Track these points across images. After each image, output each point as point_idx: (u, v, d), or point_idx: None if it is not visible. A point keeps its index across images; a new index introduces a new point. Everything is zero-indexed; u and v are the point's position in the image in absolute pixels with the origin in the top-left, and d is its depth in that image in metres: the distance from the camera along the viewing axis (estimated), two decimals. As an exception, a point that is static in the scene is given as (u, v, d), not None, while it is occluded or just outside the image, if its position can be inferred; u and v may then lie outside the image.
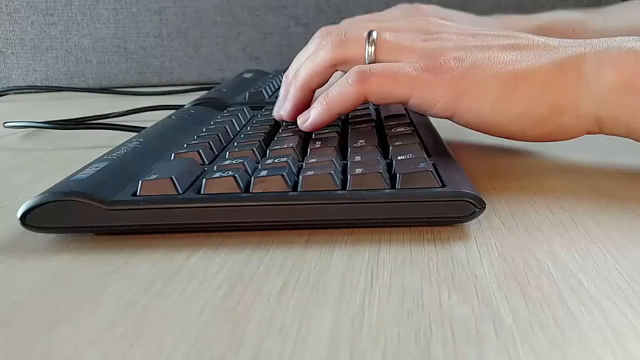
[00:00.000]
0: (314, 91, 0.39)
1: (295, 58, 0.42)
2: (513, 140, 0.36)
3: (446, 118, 0.35)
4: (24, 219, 0.27)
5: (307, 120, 0.36)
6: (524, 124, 0.33)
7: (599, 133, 0.34)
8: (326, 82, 0.38)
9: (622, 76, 0.31)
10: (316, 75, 0.37)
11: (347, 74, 0.34)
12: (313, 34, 0.42)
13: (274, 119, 0.42)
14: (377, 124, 0.39)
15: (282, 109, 0.40)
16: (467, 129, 0.35)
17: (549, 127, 0.33)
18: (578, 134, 0.34)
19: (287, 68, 0.41)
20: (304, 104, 0.39)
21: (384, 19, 0.62)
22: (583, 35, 0.60)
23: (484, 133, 0.35)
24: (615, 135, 0.33)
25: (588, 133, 0.34)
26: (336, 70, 0.37)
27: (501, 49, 0.34)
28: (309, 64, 0.37)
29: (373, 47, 0.35)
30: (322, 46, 0.37)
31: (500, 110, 0.33)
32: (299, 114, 0.38)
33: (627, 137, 0.33)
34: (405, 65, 0.34)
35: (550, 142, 0.35)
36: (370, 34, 0.36)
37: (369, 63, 0.35)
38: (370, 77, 0.33)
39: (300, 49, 0.42)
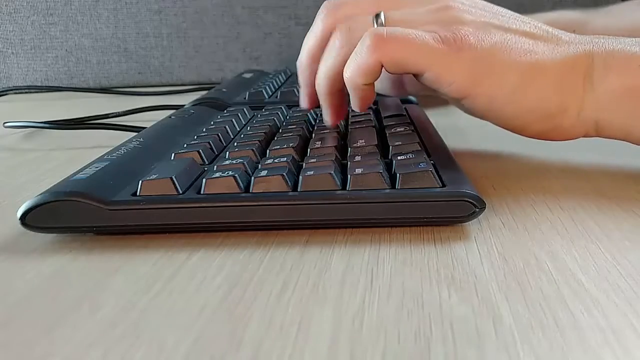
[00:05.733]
0: (342, 88, 0.36)
1: (304, 42, 0.39)
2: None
3: (456, 99, 0.33)
4: (24, 219, 0.27)
5: (355, 105, 0.35)
6: (529, 118, 0.33)
7: (596, 136, 0.34)
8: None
9: (625, 81, 0.31)
10: (334, 81, 0.35)
11: (362, 39, 0.32)
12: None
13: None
14: (377, 124, 0.39)
15: (325, 117, 0.38)
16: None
17: (549, 125, 0.33)
18: (574, 136, 0.34)
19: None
20: (340, 105, 0.37)
21: None
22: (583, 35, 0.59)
23: (487, 120, 0.34)
24: (612, 138, 0.33)
25: (585, 136, 0.34)
26: None
27: (518, 33, 0.32)
28: (324, 71, 0.35)
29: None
30: (330, 49, 0.35)
31: (514, 100, 0.32)
32: (342, 114, 0.38)
33: (624, 140, 0.33)
34: (424, 33, 0.31)
35: (550, 142, 0.35)
36: (377, 16, 0.34)
37: None
38: (386, 42, 0.31)
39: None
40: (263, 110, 0.48)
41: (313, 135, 0.37)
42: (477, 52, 0.31)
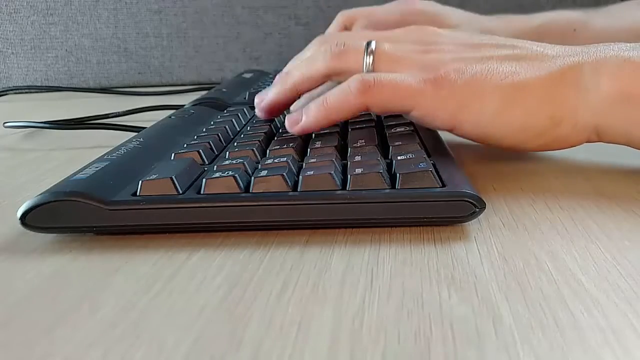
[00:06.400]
0: (299, 95, 0.38)
1: (291, 61, 0.41)
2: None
3: (447, 130, 0.35)
4: (24, 219, 0.27)
5: (299, 122, 0.35)
6: (524, 136, 0.33)
7: (599, 141, 0.34)
8: (314, 88, 0.38)
9: (620, 86, 0.31)
10: (308, 81, 0.37)
11: (348, 81, 0.34)
12: (313, 34, 0.42)
13: (274, 118, 0.42)
14: (377, 124, 0.39)
15: (263, 101, 0.39)
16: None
17: (547, 138, 0.33)
18: (577, 143, 0.34)
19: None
20: (285, 104, 0.39)
21: (381, 11, 0.62)
22: (583, 34, 0.60)
23: (485, 144, 0.35)
24: (614, 143, 0.33)
25: (587, 142, 0.34)
26: (329, 80, 0.37)
27: (499, 60, 0.34)
28: (304, 68, 0.37)
29: (372, 57, 0.35)
30: (321, 54, 0.36)
31: (499, 122, 0.33)
32: (274, 111, 0.39)
33: (626, 145, 0.33)
34: (407, 76, 0.33)
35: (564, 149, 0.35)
36: (369, 44, 0.35)
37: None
38: (374, 88, 0.33)
39: (300, 49, 0.42)
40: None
41: (313, 135, 0.37)
42: (457, 86, 0.33)
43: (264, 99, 0.39)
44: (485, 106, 0.33)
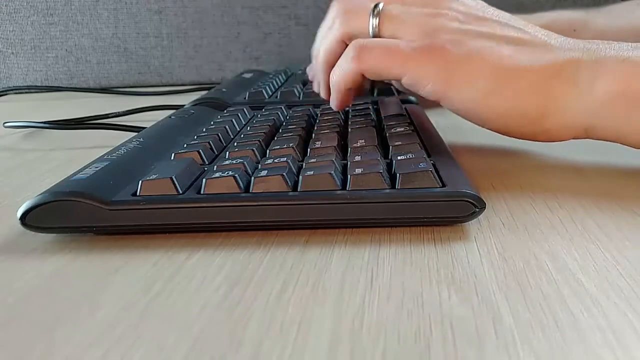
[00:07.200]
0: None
1: (318, 33, 0.43)
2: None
3: (436, 100, 0.35)
4: (24, 219, 0.27)
5: (333, 105, 0.38)
6: (508, 122, 0.33)
7: (587, 138, 0.34)
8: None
9: (618, 85, 0.31)
10: (331, 54, 0.39)
11: (347, 49, 0.35)
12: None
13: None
14: (377, 124, 0.39)
15: (320, 92, 0.43)
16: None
17: (532, 129, 0.33)
18: (564, 138, 0.34)
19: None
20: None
21: None
22: (584, 34, 0.59)
23: (470, 121, 0.35)
24: (602, 140, 0.33)
25: (574, 138, 0.34)
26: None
27: (502, 40, 0.33)
28: (324, 44, 0.39)
29: (377, 19, 0.36)
30: (332, 23, 0.38)
31: (487, 103, 0.33)
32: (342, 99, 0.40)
33: (614, 142, 0.33)
34: (401, 42, 0.34)
35: (549, 142, 0.35)
36: (376, 6, 0.36)
37: (373, 36, 0.36)
38: (366, 52, 0.34)
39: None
40: (263, 110, 0.48)
41: (313, 135, 0.37)
42: (451, 58, 0.33)
43: (320, 93, 0.42)
44: (474, 84, 0.33)
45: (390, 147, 0.33)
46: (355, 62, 0.34)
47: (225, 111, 0.48)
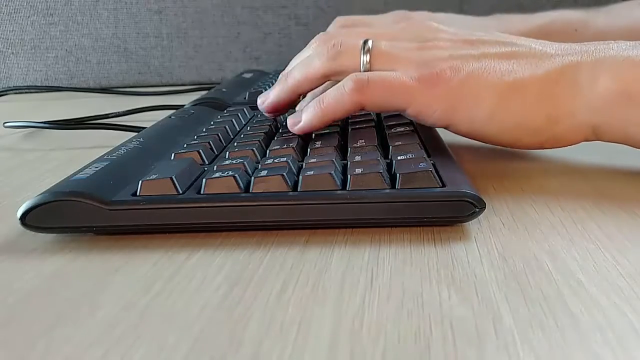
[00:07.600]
0: (299, 95, 0.39)
1: (292, 60, 0.42)
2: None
3: (443, 127, 0.35)
4: (24, 219, 0.27)
5: (298, 123, 0.36)
6: (519, 134, 0.33)
7: (597, 140, 0.34)
8: (315, 88, 0.38)
9: (619, 85, 0.31)
10: (306, 82, 0.37)
11: (344, 80, 0.34)
12: (313, 34, 0.42)
13: (274, 118, 0.42)
14: (377, 124, 0.39)
15: (265, 102, 0.40)
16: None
17: (543, 137, 0.33)
18: (574, 142, 0.34)
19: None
20: (286, 104, 0.39)
21: (378, 23, 0.62)
22: (585, 34, 0.59)
23: (480, 142, 0.35)
24: (612, 142, 0.33)
25: (585, 140, 0.34)
26: (328, 80, 0.37)
27: (497, 57, 0.34)
28: (303, 69, 0.37)
29: (368, 56, 0.35)
30: (318, 54, 0.37)
31: (495, 120, 0.33)
32: (277, 111, 0.39)
33: (624, 144, 0.33)
34: (402, 75, 0.33)
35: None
36: (365, 42, 0.35)
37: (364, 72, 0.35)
38: (368, 87, 0.33)
39: (301, 49, 0.42)
40: (263, 110, 0.47)
41: (313, 135, 0.37)
42: (452, 83, 0.33)
43: (265, 100, 0.40)
44: (480, 105, 0.33)
45: (390, 147, 0.33)
46: (356, 96, 0.33)
47: (225, 111, 0.48)
